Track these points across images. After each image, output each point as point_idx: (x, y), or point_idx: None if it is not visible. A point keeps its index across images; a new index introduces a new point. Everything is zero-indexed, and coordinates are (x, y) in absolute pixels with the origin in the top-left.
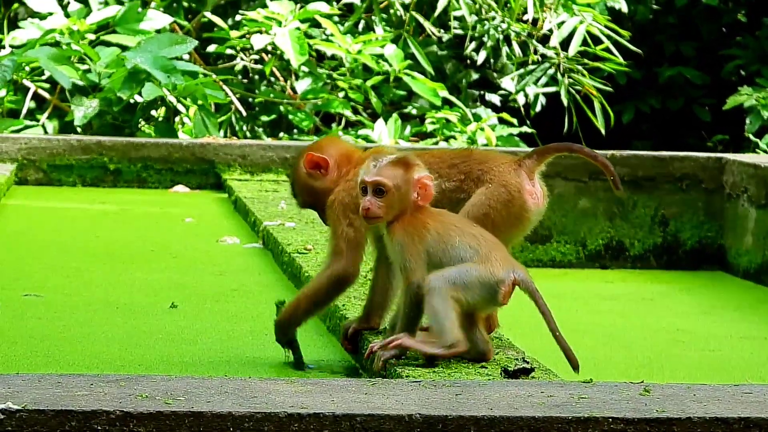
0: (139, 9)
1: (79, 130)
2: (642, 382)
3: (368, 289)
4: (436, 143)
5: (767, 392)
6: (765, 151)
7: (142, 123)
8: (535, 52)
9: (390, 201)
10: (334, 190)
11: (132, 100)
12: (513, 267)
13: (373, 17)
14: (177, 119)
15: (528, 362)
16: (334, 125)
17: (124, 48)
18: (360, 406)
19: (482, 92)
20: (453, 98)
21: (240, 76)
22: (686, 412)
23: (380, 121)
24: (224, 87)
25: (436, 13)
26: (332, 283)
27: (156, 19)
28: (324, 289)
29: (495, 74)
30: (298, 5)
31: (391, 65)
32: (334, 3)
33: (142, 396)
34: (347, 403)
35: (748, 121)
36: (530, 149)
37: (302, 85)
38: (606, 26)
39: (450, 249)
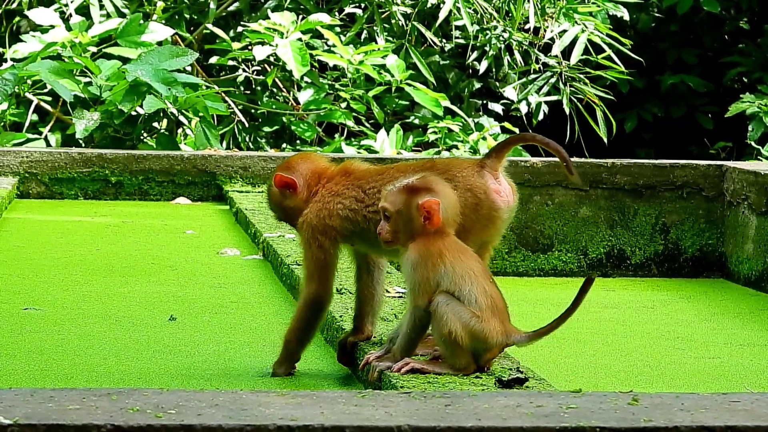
0: (141, 21)
1: (80, 142)
2: (631, 391)
3: (354, 300)
4: (439, 153)
5: (755, 401)
6: (767, 158)
7: (144, 135)
8: (537, 61)
9: (395, 225)
10: (304, 211)
11: (133, 113)
12: (507, 334)
13: (374, 27)
14: (179, 131)
15: (522, 372)
16: (336, 135)
17: (125, 60)
18: (349, 417)
19: (484, 101)
20: (455, 108)
21: (242, 88)
22: (673, 421)
23: (382, 131)
24: (226, 98)
25: (438, 23)
26: (309, 309)
27: (157, 31)
28: (303, 318)
29: (497, 83)
30: (300, 16)
31: (392, 75)
32: (336, 14)
33: (133, 409)
34: (337, 414)
35: (750, 128)
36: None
37: (304, 95)
38: (608, 35)
39: (457, 291)
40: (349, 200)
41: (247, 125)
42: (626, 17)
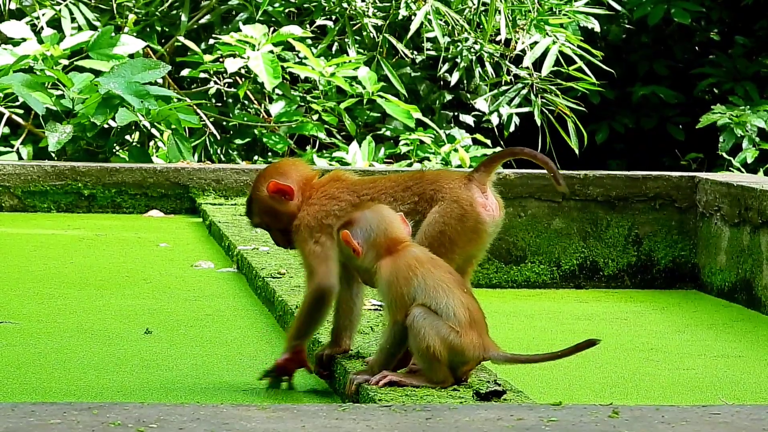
0: (113, 34)
1: (53, 155)
2: (611, 404)
3: (333, 313)
4: (411, 165)
5: (735, 413)
6: (738, 169)
7: (117, 148)
8: (508, 72)
9: (349, 265)
10: (298, 215)
11: (106, 126)
12: (485, 348)
13: (346, 40)
14: (151, 144)
15: (499, 385)
16: (308, 148)
17: (97, 73)
18: (330, 431)
19: (456, 113)
20: (427, 120)
21: (214, 100)
22: None
23: (354, 143)
24: (198, 111)
25: (409, 35)
26: (313, 300)
27: (129, 44)
28: (306, 311)
29: (468, 95)
30: (272, 29)
31: (364, 87)
32: (307, 26)
33: (114, 424)
34: (318, 428)
35: (721, 139)
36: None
37: (276, 108)
38: (579, 46)
39: (433, 304)
40: (345, 203)
41: (218, 138)
42: (597, 29)
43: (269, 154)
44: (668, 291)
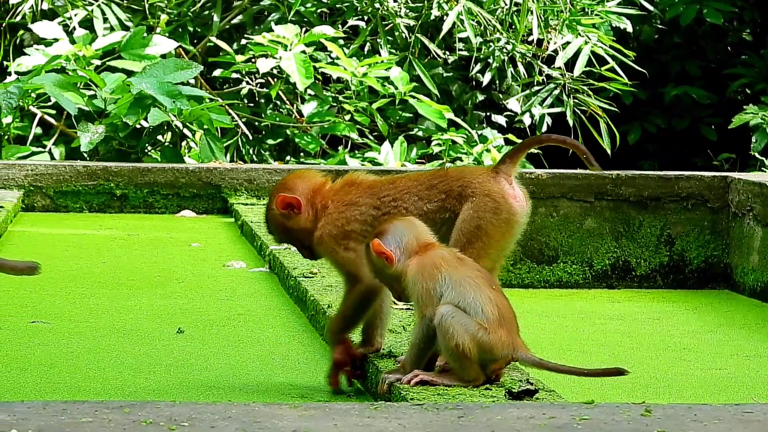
0: (145, 34)
1: (85, 155)
2: (643, 402)
3: None
4: (443, 165)
5: (767, 411)
6: None
7: (149, 148)
8: (540, 73)
9: (379, 277)
10: (318, 226)
11: (138, 126)
12: (514, 347)
13: (378, 40)
14: (183, 144)
15: (531, 383)
16: (340, 148)
17: (129, 73)
18: (362, 429)
19: (488, 113)
20: (459, 120)
21: (246, 100)
22: None
23: (386, 143)
24: (230, 111)
25: (441, 35)
26: (360, 296)
27: (161, 44)
28: (354, 303)
29: (500, 95)
30: (304, 29)
31: (396, 87)
32: (339, 26)
33: (146, 422)
34: (350, 426)
35: (753, 139)
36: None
37: (308, 108)
38: (611, 46)
39: (461, 301)
40: (365, 207)
41: (251, 138)
42: (629, 29)
43: (301, 154)
44: (700, 291)
